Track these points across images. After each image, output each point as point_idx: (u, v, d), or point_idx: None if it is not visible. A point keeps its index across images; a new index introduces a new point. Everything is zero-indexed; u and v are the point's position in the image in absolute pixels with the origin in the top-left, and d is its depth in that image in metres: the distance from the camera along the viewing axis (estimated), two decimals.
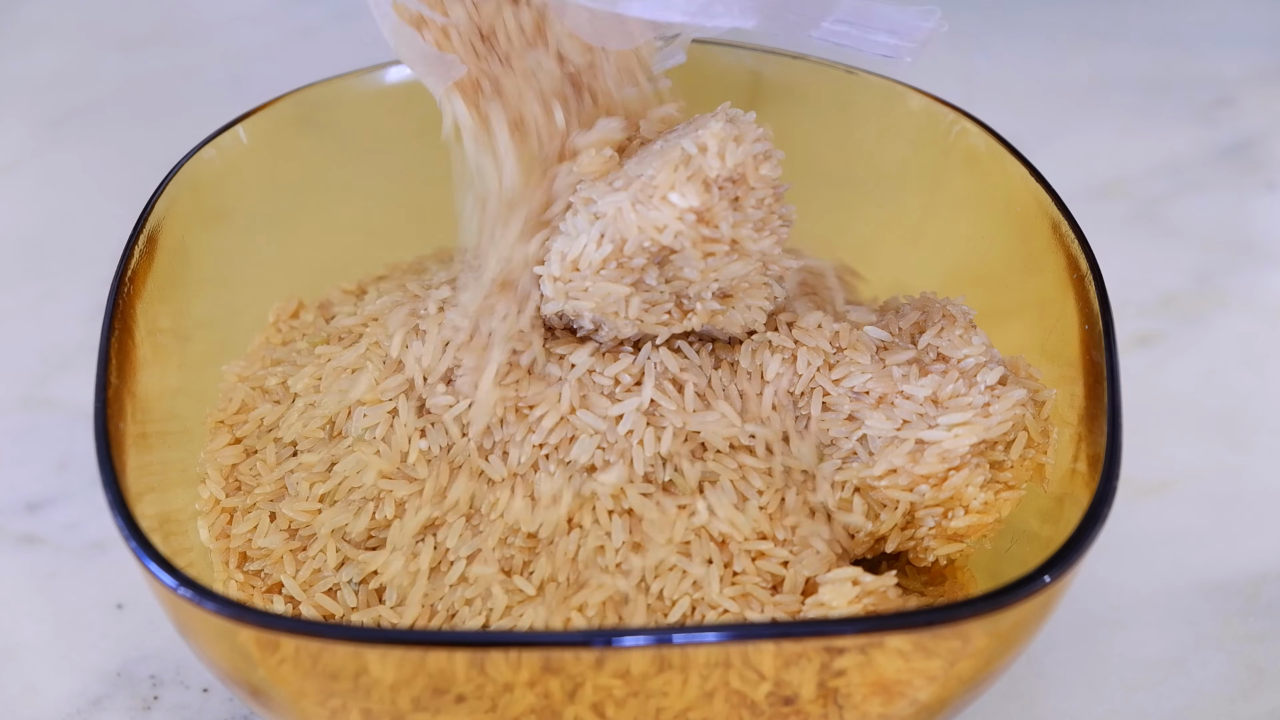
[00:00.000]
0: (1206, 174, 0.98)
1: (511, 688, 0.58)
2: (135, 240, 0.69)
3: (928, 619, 0.58)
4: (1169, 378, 0.86)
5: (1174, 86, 1.04)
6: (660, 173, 0.63)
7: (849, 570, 0.63)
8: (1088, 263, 0.68)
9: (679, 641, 0.57)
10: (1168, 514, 0.80)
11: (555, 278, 0.65)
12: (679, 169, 0.63)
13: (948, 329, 0.68)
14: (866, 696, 0.60)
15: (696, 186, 0.63)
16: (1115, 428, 0.63)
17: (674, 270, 0.64)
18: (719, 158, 0.63)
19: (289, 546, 0.67)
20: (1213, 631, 0.75)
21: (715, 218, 0.63)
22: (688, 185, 0.63)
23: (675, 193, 0.63)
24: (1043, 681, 0.73)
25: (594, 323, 0.66)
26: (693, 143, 0.63)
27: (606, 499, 0.65)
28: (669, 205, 0.63)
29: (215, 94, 1.04)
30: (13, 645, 0.75)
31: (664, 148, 0.65)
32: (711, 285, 0.65)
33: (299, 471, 0.68)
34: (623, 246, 0.64)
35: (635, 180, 0.64)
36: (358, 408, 0.68)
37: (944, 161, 0.76)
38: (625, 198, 0.63)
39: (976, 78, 1.05)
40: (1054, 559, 0.59)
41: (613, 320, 0.65)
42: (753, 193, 0.64)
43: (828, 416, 0.67)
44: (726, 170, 0.63)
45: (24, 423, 0.85)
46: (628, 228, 0.63)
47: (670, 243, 0.63)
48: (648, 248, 0.63)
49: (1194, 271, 0.92)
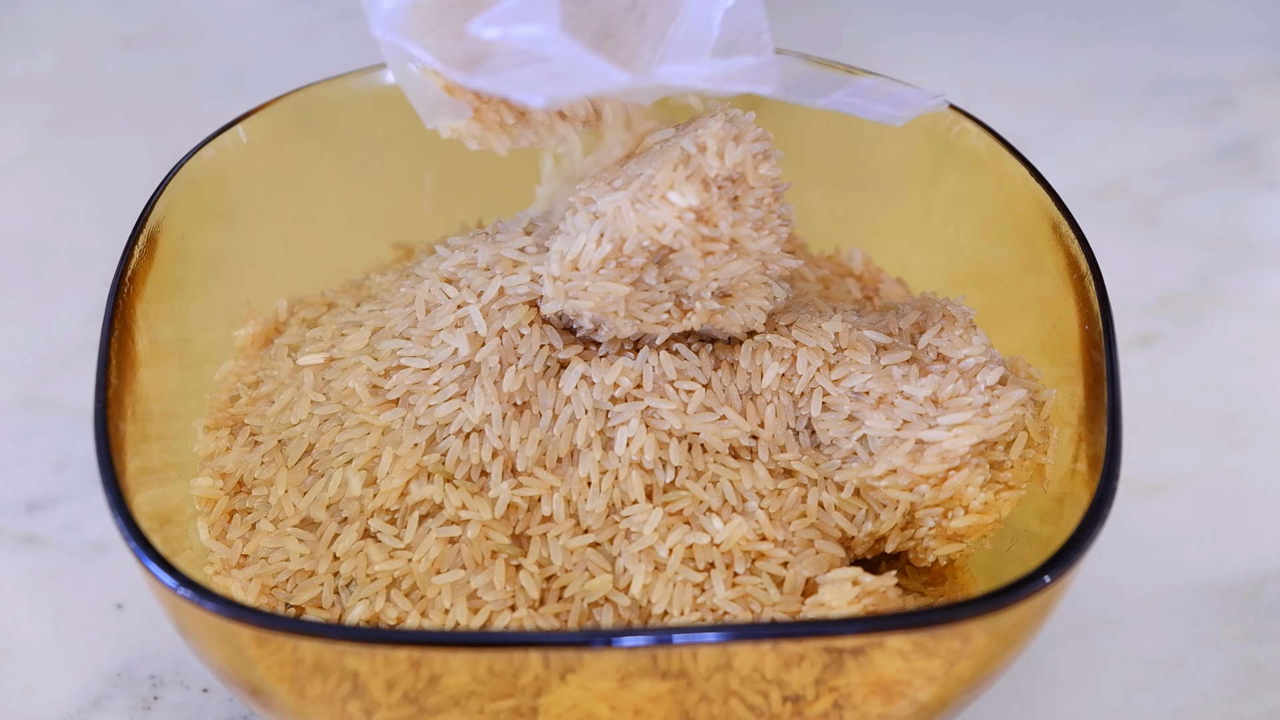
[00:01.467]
0: (1206, 174, 0.98)
1: (511, 691, 0.59)
2: (135, 240, 0.69)
3: (928, 619, 0.58)
4: (1169, 378, 0.86)
5: (1174, 86, 1.04)
6: (660, 172, 0.63)
7: (849, 570, 0.63)
8: (1088, 263, 0.68)
9: (679, 642, 0.57)
10: (1168, 514, 0.80)
11: (555, 277, 0.65)
12: (678, 168, 0.63)
13: (948, 329, 0.68)
14: (866, 697, 0.60)
15: (696, 185, 0.63)
16: (1115, 428, 0.63)
17: (673, 269, 0.64)
18: (718, 157, 0.63)
19: (289, 546, 0.67)
20: (1212, 631, 0.75)
21: (714, 217, 0.63)
22: (687, 184, 0.63)
23: (674, 192, 0.63)
24: (1042, 681, 0.73)
25: (593, 322, 0.66)
26: (692, 142, 0.63)
27: (603, 505, 0.65)
28: (668, 204, 0.63)
29: (215, 94, 1.04)
30: (13, 645, 0.75)
31: (663, 147, 0.65)
32: (711, 284, 0.65)
33: (298, 470, 0.68)
34: (622, 245, 0.64)
35: (635, 180, 0.64)
36: (349, 415, 0.68)
37: (944, 162, 0.76)
38: (624, 197, 0.63)
39: (976, 78, 1.05)
40: (1054, 559, 0.59)
41: (612, 320, 0.65)
42: (752, 192, 0.64)
43: (827, 417, 0.67)
44: (726, 169, 0.63)
45: (24, 423, 0.85)
46: (627, 227, 0.63)
47: (669, 242, 0.63)
48: (647, 247, 0.64)
49: (1194, 271, 0.92)
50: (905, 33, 1.08)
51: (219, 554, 0.67)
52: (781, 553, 0.64)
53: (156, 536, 0.61)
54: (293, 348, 0.73)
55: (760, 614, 0.63)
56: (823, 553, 0.65)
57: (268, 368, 0.72)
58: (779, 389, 0.67)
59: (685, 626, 0.62)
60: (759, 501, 0.65)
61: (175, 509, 0.68)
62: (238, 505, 0.69)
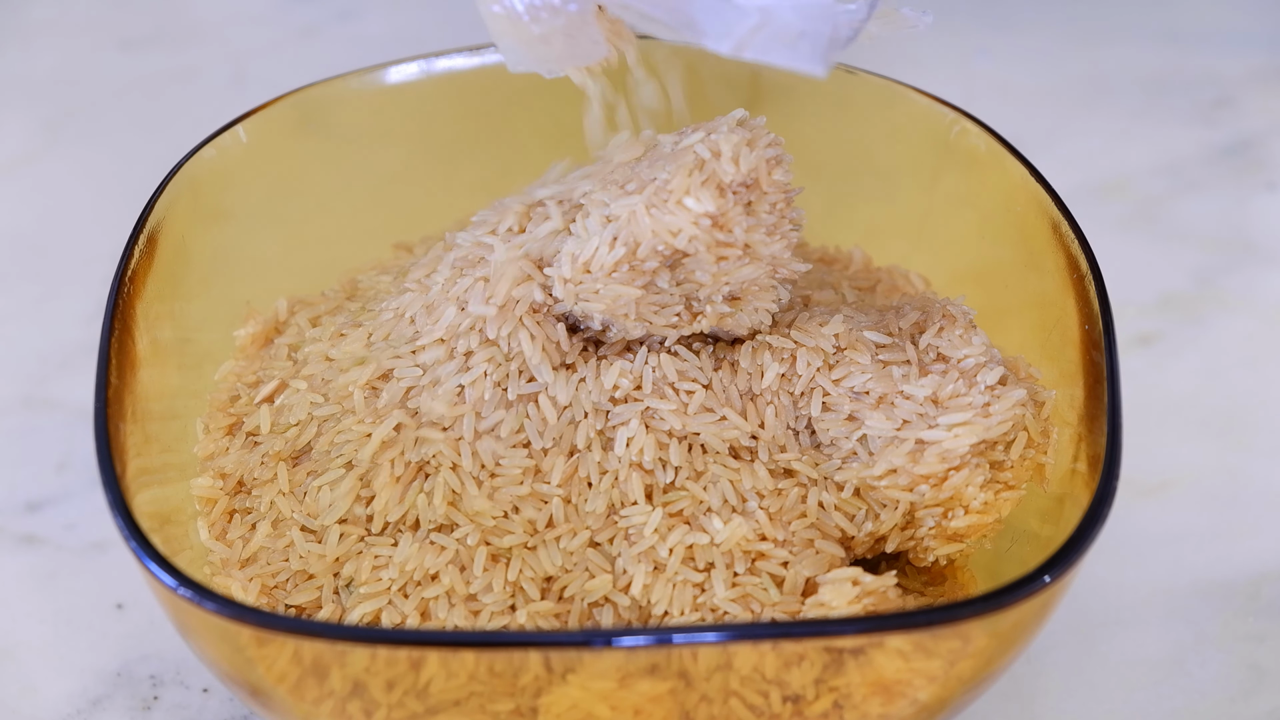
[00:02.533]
0: (1206, 174, 0.98)
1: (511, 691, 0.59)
2: (135, 240, 0.69)
3: (928, 619, 0.57)
4: (1169, 378, 0.86)
5: (1174, 86, 1.04)
6: (675, 177, 0.63)
7: (849, 570, 0.63)
8: (1088, 263, 0.68)
9: (679, 642, 0.57)
10: (1167, 514, 0.79)
11: (566, 279, 0.65)
12: (694, 174, 0.63)
13: (948, 329, 0.68)
14: (866, 697, 0.60)
15: (712, 191, 0.63)
16: (1115, 428, 0.63)
17: (685, 273, 0.64)
18: (733, 163, 0.63)
19: (288, 547, 0.67)
20: (1212, 631, 0.75)
21: (730, 222, 0.63)
22: (703, 190, 0.63)
23: (690, 197, 0.63)
24: (1042, 681, 0.73)
25: (603, 324, 0.66)
26: (706, 147, 0.63)
27: (604, 505, 0.65)
28: (684, 210, 0.63)
29: (215, 94, 1.04)
30: (12, 645, 0.75)
31: (676, 151, 0.65)
32: (722, 289, 0.65)
33: (297, 471, 0.68)
34: (636, 249, 0.64)
35: (649, 184, 0.64)
36: (346, 416, 0.68)
37: (944, 161, 0.76)
38: (639, 201, 0.63)
39: (977, 78, 1.05)
40: (1054, 559, 0.59)
41: (622, 322, 0.65)
42: (765, 197, 0.64)
43: (827, 417, 0.67)
44: (741, 175, 0.63)
45: (24, 423, 0.85)
46: (641, 231, 0.63)
47: (684, 247, 0.63)
48: (661, 251, 0.64)
49: (1194, 271, 0.92)
50: (906, 34, 1.08)
51: (219, 554, 0.67)
52: (782, 552, 0.64)
53: (156, 536, 0.61)
54: (293, 348, 0.73)
55: (760, 614, 0.63)
56: (823, 552, 0.65)
57: (268, 368, 0.72)
58: (779, 389, 0.67)
59: (685, 626, 0.62)
60: (759, 501, 0.65)
61: (175, 509, 0.68)
62: (238, 505, 0.68)
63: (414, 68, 0.79)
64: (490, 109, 0.80)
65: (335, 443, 0.67)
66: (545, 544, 0.64)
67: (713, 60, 0.78)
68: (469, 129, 0.80)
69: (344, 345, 0.70)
